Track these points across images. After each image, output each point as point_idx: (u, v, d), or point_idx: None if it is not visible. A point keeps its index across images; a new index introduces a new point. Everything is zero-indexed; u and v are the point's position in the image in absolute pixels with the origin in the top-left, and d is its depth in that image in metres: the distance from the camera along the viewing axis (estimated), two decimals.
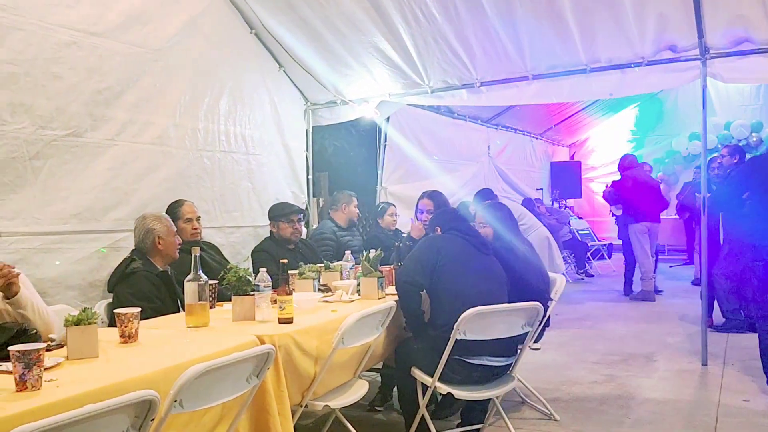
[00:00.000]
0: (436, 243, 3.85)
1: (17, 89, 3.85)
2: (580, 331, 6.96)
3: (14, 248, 3.79)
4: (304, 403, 3.15)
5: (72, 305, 3.79)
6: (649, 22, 5.06)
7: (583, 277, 11.01)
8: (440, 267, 3.69)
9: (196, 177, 5.22)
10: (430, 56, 5.81)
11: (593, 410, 4.45)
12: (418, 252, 3.83)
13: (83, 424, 1.71)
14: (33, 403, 1.90)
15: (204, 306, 3.14)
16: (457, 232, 3.91)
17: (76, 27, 4.19)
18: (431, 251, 3.77)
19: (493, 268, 3.86)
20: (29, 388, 2.01)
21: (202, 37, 5.25)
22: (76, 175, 4.22)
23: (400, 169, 7.77)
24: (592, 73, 5.56)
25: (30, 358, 2.01)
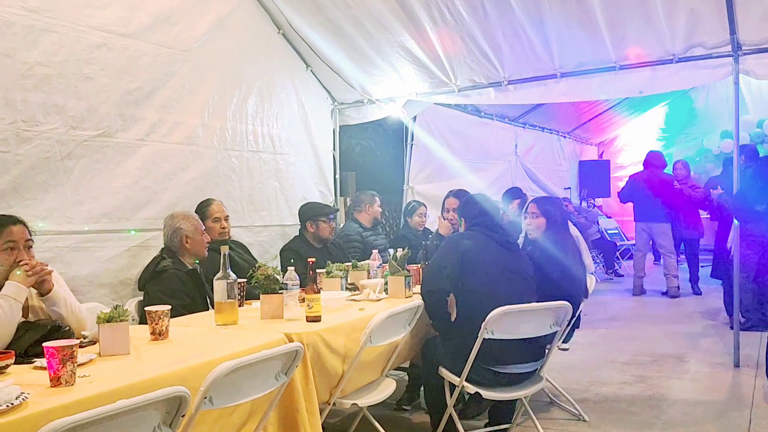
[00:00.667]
0: (457, 244, 3.72)
1: (50, 90, 3.91)
2: (610, 332, 6.89)
3: (47, 247, 3.85)
4: (332, 401, 3.16)
5: (104, 303, 3.85)
6: (679, 19, 4.99)
7: (612, 277, 10.90)
8: (464, 269, 3.59)
9: (225, 176, 5.26)
10: (457, 55, 5.79)
11: (623, 411, 4.40)
12: (440, 256, 3.73)
13: (116, 420, 1.73)
14: (67, 398, 1.94)
15: (233, 304, 3.17)
16: (481, 228, 3.79)
17: (107, 29, 4.24)
18: (453, 253, 3.66)
19: (520, 266, 3.75)
20: (63, 383, 2.04)
21: (230, 38, 5.29)
22: (107, 174, 4.28)
23: (427, 169, 7.76)
24: (621, 70, 5.49)
25: (64, 354, 2.04)
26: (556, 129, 11.96)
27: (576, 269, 4.15)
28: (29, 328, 2.70)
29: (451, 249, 3.71)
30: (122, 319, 2.54)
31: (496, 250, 3.71)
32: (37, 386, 2.03)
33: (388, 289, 3.99)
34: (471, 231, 3.84)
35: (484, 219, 3.84)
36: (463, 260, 3.61)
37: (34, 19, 3.81)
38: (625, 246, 12.13)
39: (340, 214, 6.87)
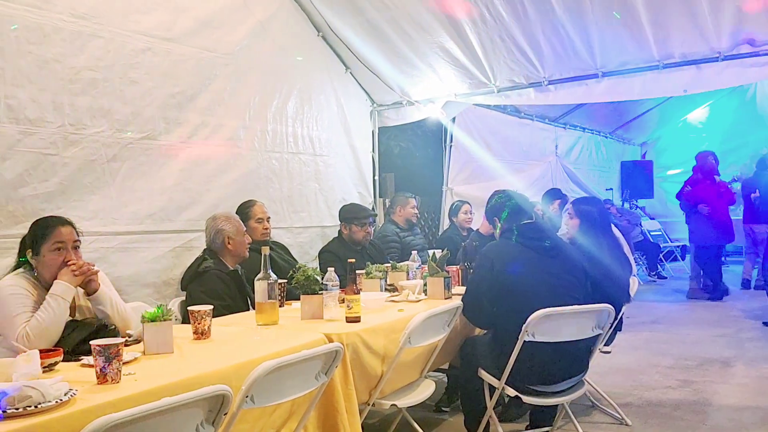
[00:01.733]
0: (490, 261, 3.53)
1: (96, 94, 4.01)
2: (653, 335, 6.77)
3: (93, 247, 3.94)
4: (371, 402, 3.17)
5: (147, 302, 3.92)
6: (725, 16, 4.88)
7: (655, 280, 10.71)
8: (501, 283, 3.47)
9: (265, 178, 5.32)
10: (497, 55, 5.75)
11: (667, 416, 4.32)
12: (475, 276, 3.63)
13: (160, 417, 1.76)
14: (113, 395, 1.98)
15: (273, 304, 3.20)
16: (514, 234, 3.59)
17: (151, 33, 4.33)
18: (486, 270, 3.52)
19: (562, 271, 3.55)
20: (109, 381, 2.08)
21: (270, 41, 5.35)
22: (151, 176, 4.36)
23: (466, 170, 7.72)
24: (665, 69, 5.39)
25: (110, 353, 2.08)
26: (598, 129, 11.80)
27: (617, 271, 4.08)
28: (76, 327, 2.77)
29: (484, 265, 3.56)
30: (166, 318, 2.59)
31: (533, 258, 3.51)
32: (85, 383, 2.07)
33: (427, 290, 3.99)
34: (505, 240, 3.67)
35: (518, 223, 3.64)
36: (498, 275, 3.47)
37: (81, 25, 3.91)
38: (669, 248, 11.91)
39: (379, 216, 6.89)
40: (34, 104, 3.70)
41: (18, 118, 3.63)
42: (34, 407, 1.78)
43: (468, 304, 3.60)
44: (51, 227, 2.89)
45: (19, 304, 2.73)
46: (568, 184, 10.41)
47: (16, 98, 3.62)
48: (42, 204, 3.72)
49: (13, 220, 3.60)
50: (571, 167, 10.69)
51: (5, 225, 3.57)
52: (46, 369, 2.23)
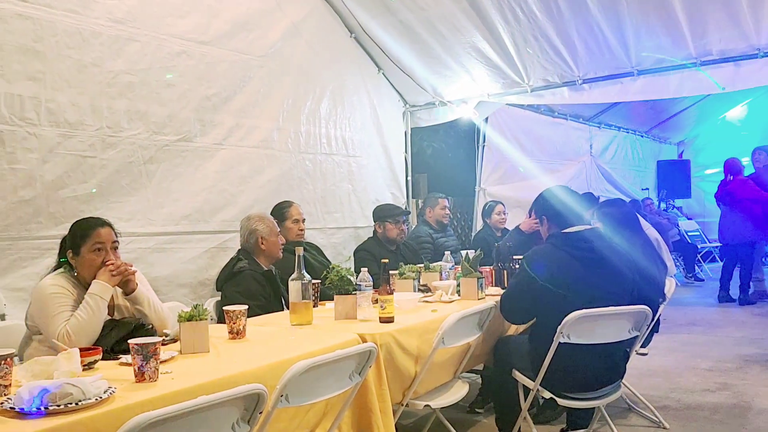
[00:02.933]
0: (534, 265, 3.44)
1: (133, 97, 4.08)
2: (691, 337, 6.66)
3: (131, 248, 4.00)
4: (405, 402, 3.16)
5: (184, 302, 3.97)
6: (764, 12, 4.78)
7: (692, 281, 10.53)
8: (541, 290, 3.38)
9: (299, 179, 5.36)
10: (530, 54, 5.72)
11: (706, 419, 4.24)
12: (520, 279, 3.52)
13: (197, 415, 1.78)
14: (151, 393, 2.01)
15: (307, 304, 3.22)
16: (560, 242, 3.48)
17: (186, 36, 4.39)
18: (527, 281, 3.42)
19: (604, 284, 3.42)
20: (147, 379, 2.11)
21: (303, 43, 5.39)
22: (186, 178, 4.42)
23: (499, 170, 7.68)
24: (702, 66, 5.31)
25: (148, 351, 2.11)
26: (633, 128, 11.64)
27: (650, 270, 4.01)
28: (115, 326, 2.82)
29: (525, 277, 3.45)
30: (202, 318, 2.61)
31: (575, 268, 3.40)
32: (123, 381, 2.11)
33: (460, 291, 3.97)
34: (552, 246, 3.53)
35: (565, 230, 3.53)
36: (542, 281, 3.38)
37: (119, 29, 3.99)
38: (707, 248, 11.70)
39: (412, 216, 6.89)
40: (73, 107, 3.78)
41: (58, 121, 3.71)
42: (75, 404, 1.81)
43: (508, 304, 3.56)
44: (90, 228, 2.94)
45: (60, 303, 2.78)
46: (603, 184, 10.29)
47: (55, 102, 3.70)
48: (81, 205, 3.80)
49: (53, 221, 3.68)
50: (606, 167, 10.56)
51: (46, 226, 3.66)
52: (86, 367, 2.27)
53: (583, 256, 3.43)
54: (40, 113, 3.64)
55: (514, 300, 3.54)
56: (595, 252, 3.46)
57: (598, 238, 3.58)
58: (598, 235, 3.61)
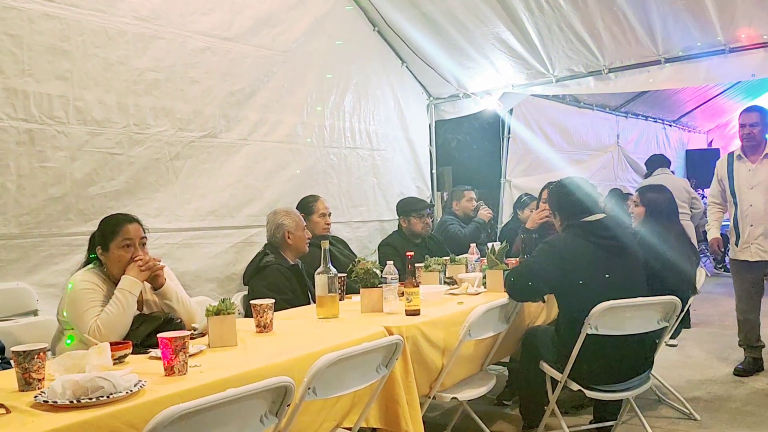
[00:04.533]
0: (556, 251, 3.40)
1: (159, 94, 4.11)
2: (722, 329, 6.55)
3: (159, 243, 4.04)
4: (432, 395, 3.16)
5: (211, 297, 4.01)
6: None
7: (722, 271, 10.37)
8: (562, 280, 3.36)
9: (323, 173, 5.37)
10: (555, 44, 5.66)
11: (737, 411, 4.18)
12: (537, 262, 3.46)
13: (226, 407, 1.80)
14: (180, 386, 2.03)
15: (334, 298, 3.23)
16: (579, 230, 3.46)
17: (210, 33, 4.42)
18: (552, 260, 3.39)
19: (627, 272, 3.42)
20: (176, 372, 2.14)
21: (326, 37, 5.39)
22: (212, 173, 4.46)
23: (525, 162, 7.62)
24: (731, 53, 5.20)
25: (177, 345, 2.14)
26: (661, 117, 11.47)
27: (681, 261, 3.96)
28: (144, 321, 2.86)
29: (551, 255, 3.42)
30: (229, 312, 2.64)
31: (599, 256, 3.38)
32: (153, 375, 2.13)
33: (486, 283, 3.96)
34: (567, 235, 3.52)
35: (582, 218, 3.49)
36: (566, 269, 3.35)
37: (144, 27, 4.02)
38: None
39: (438, 209, 6.87)
40: (100, 105, 3.82)
41: (86, 119, 3.76)
42: (106, 397, 1.84)
43: (518, 282, 3.48)
44: (119, 224, 2.98)
45: (90, 299, 2.83)
46: (632, 174, 10.16)
47: (83, 100, 3.75)
48: (110, 202, 3.85)
49: (83, 218, 3.73)
50: (634, 157, 10.43)
51: (76, 223, 3.71)
52: (117, 361, 2.30)
53: (605, 244, 3.42)
54: (69, 112, 3.69)
55: (525, 277, 3.46)
56: (616, 239, 3.45)
57: (616, 226, 3.56)
58: (616, 223, 3.58)
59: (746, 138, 4.96)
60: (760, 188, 4.85)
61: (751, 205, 4.87)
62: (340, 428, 2.65)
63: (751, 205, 4.87)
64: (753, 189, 4.87)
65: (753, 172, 4.90)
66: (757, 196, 4.86)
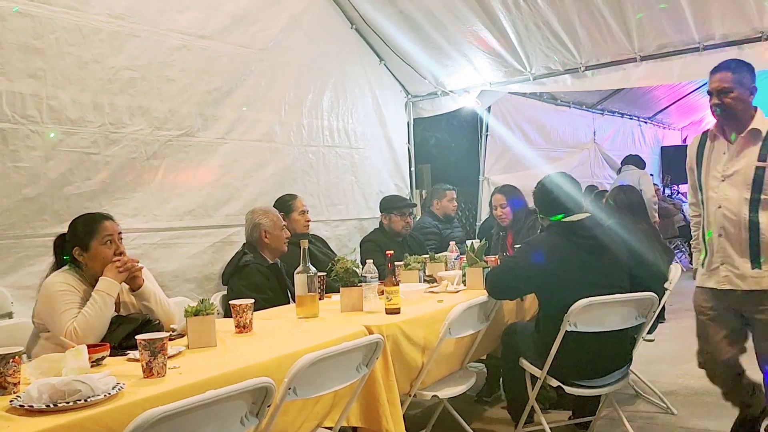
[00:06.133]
0: (536, 251, 3.43)
1: (135, 93, 4.07)
2: None
3: (136, 244, 4.01)
4: (413, 393, 3.17)
5: (190, 297, 3.99)
6: None
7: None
8: (548, 277, 3.37)
9: (302, 172, 5.36)
10: (532, 42, 5.69)
11: (714, 404, 4.23)
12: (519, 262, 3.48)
13: (206, 409, 1.79)
14: (159, 388, 2.01)
15: (313, 297, 3.22)
16: (560, 230, 3.47)
17: (186, 31, 4.38)
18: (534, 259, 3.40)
19: (610, 273, 3.44)
20: (155, 374, 2.12)
21: (304, 35, 5.37)
22: (190, 173, 4.42)
23: (503, 159, 7.66)
24: (705, 51, 5.26)
25: (155, 347, 2.12)
26: (637, 114, 11.60)
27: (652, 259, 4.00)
28: (122, 322, 2.82)
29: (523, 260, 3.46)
30: (208, 312, 2.62)
31: (580, 256, 3.38)
32: (131, 377, 2.11)
33: (466, 281, 3.97)
34: (548, 234, 3.54)
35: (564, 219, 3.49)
36: (540, 274, 3.38)
37: (119, 25, 3.98)
38: None
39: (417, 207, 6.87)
40: (74, 105, 3.77)
41: (60, 118, 3.71)
42: (84, 401, 1.82)
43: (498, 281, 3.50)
44: (96, 222, 2.96)
45: (67, 300, 2.79)
46: (608, 171, 10.26)
47: (57, 99, 3.69)
48: (86, 202, 3.80)
49: (58, 218, 3.68)
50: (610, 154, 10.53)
51: (51, 223, 3.66)
52: (94, 363, 2.27)
53: (585, 244, 3.43)
54: (42, 111, 3.63)
55: (506, 277, 3.49)
56: (597, 239, 3.47)
57: (597, 225, 3.58)
58: (596, 222, 3.60)
59: (718, 111, 3.34)
60: (735, 180, 3.19)
61: (720, 205, 3.23)
62: (320, 428, 2.65)
63: (720, 205, 3.23)
64: (725, 181, 3.22)
65: (728, 156, 3.25)
66: (731, 192, 3.20)
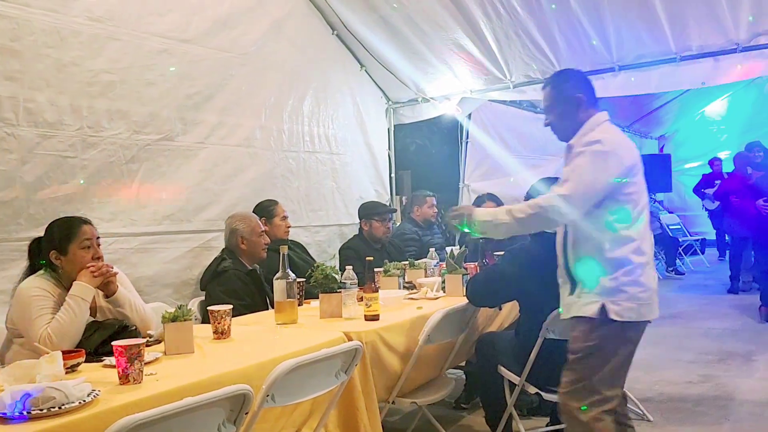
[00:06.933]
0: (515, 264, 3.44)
1: (114, 96, 4.03)
2: (673, 330, 6.71)
3: (114, 248, 3.96)
4: (391, 400, 3.17)
5: (167, 303, 3.94)
6: (743, 6, 4.82)
7: (673, 275, 10.62)
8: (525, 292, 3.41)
9: (282, 177, 5.34)
10: (512, 50, 5.73)
11: (689, 411, 4.28)
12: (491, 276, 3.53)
13: (183, 416, 1.77)
14: (135, 395, 1.99)
15: (293, 303, 3.21)
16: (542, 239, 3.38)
17: (167, 35, 4.35)
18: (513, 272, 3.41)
19: None
20: (131, 381, 2.10)
21: (285, 40, 5.36)
22: (169, 177, 4.39)
23: (483, 166, 7.70)
24: (682, 62, 5.33)
25: (131, 353, 2.10)
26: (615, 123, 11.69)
27: None
28: (98, 328, 2.79)
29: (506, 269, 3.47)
30: (186, 318, 2.60)
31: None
32: (107, 384, 2.09)
33: (445, 288, 3.98)
34: (532, 242, 3.53)
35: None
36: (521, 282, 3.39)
37: (99, 28, 3.94)
38: (688, 241, 11.81)
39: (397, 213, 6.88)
40: (52, 107, 3.73)
41: (37, 121, 3.66)
42: (58, 408, 1.79)
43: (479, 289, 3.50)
44: (75, 226, 2.94)
45: (41, 306, 2.75)
46: None
47: (34, 102, 3.65)
48: (62, 206, 3.75)
49: (33, 222, 3.62)
50: None
51: (26, 227, 3.60)
52: (69, 370, 2.25)
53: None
54: (19, 113, 3.58)
55: (487, 285, 3.50)
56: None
57: None
58: None
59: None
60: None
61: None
62: None
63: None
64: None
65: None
66: None
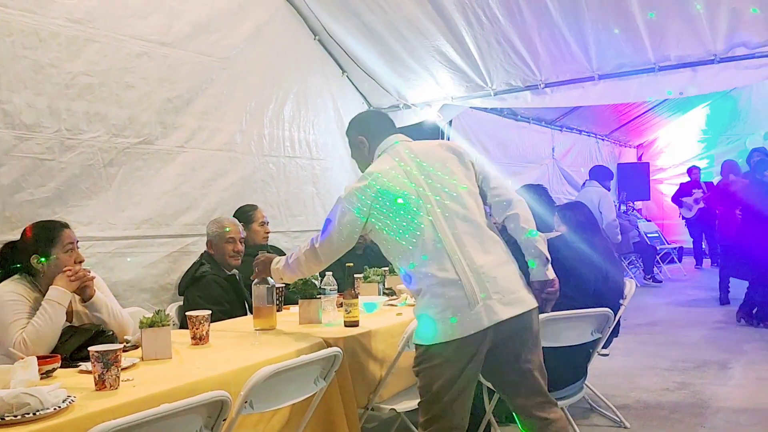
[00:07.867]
0: None
1: (93, 99, 4.00)
2: (650, 337, 6.77)
3: (91, 252, 3.92)
4: (371, 406, 3.16)
5: (145, 307, 3.91)
6: (721, 18, 4.89)
7: (650, 282, 10.71)
8: None
9: (262, 182, 5.32)
10: (494, 58, 5.76)
11: (665, 418, 4.32)
12: None
13: (159, 423, 1.76)
14: (112, 401, 1.97)
15: (271, 309, 3.20)
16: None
17: (147, 38, 4.32)
18: None
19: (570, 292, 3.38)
20: (108, 387, 2.08)
21: (267, 45, 5.35)
22: (148, 181, 4.35)
23: None
24: (660, 71, 5.40)
25: (108, 359, 2.08)
26: (594, 131, 11.83)
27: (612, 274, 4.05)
28: (74, 333, 2.76)
29: None
30: (164, 323, 2.58)
31: None
32: (83, 390, 2.07)
33: None
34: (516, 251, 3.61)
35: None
36: None
37: (78, 29, 3.91)
38: (666, 250, 11.93)
39: None
40: (29, 109, 3.69)
41: (14, 123, 3.62)
42: (33, 414, 1.77)
43: None
44: (58, 230, 2.93)
45: (16, 310, 2.72)
46: (565, 186, 10.43)
47: (11, 103, 3.61)
48: (39, 209, 3.71)
49: (9, 225, 3.58)
50: (568, 169, 10.71)
51: (2, 231, 3.56)
52: (44, 376, 2.22)
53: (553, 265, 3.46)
54: None
55: None
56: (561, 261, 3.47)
57: (565, 246, 3.63)
58: (564, 242, 3.65)
59: None
60: None
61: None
62: None
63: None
64: None
65: None
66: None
